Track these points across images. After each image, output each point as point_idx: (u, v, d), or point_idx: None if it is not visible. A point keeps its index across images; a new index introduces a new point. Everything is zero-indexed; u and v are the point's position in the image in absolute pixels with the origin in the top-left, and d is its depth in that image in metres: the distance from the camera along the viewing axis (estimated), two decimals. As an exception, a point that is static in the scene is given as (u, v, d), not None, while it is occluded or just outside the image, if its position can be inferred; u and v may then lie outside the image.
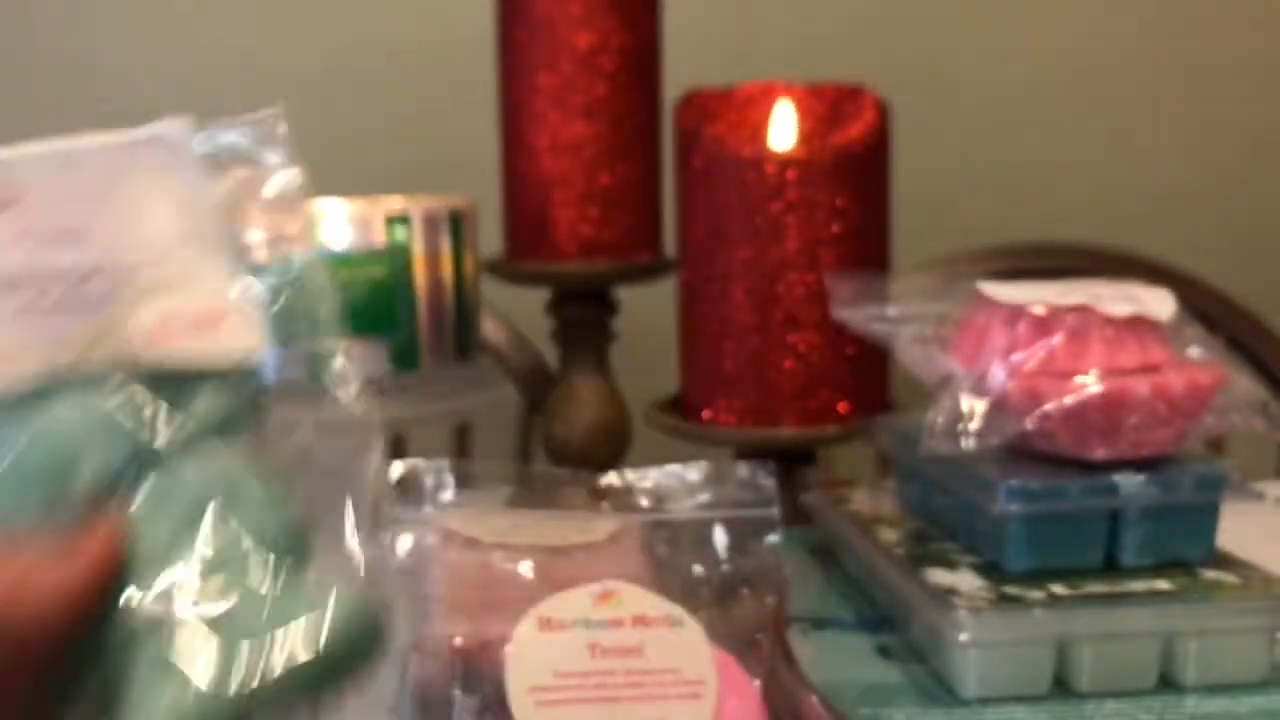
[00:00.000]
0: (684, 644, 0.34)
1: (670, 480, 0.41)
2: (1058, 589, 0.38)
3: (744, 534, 0.39)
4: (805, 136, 0.59)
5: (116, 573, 0.24)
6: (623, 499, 0.41)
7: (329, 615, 0.23)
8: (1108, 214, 1.22)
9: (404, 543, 0.36)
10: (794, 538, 0.53)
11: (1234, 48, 1.24)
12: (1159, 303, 0.41)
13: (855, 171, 0.55)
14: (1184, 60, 1.24)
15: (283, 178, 0.28)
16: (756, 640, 0.36)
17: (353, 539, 0.25)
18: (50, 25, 1.23)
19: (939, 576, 0.39)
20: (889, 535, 0.45)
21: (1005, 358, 0.39)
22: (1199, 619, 0.37)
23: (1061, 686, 0.37)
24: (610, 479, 0.41)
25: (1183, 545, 0.40)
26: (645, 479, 0.41)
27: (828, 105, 0.60)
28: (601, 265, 0.68)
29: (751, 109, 0.61)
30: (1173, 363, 0.40)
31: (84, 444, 0.24)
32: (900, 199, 0.62)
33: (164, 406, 0.25)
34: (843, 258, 0.55)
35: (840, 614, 0.45)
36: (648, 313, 0.84)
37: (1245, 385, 0.40)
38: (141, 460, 0.24)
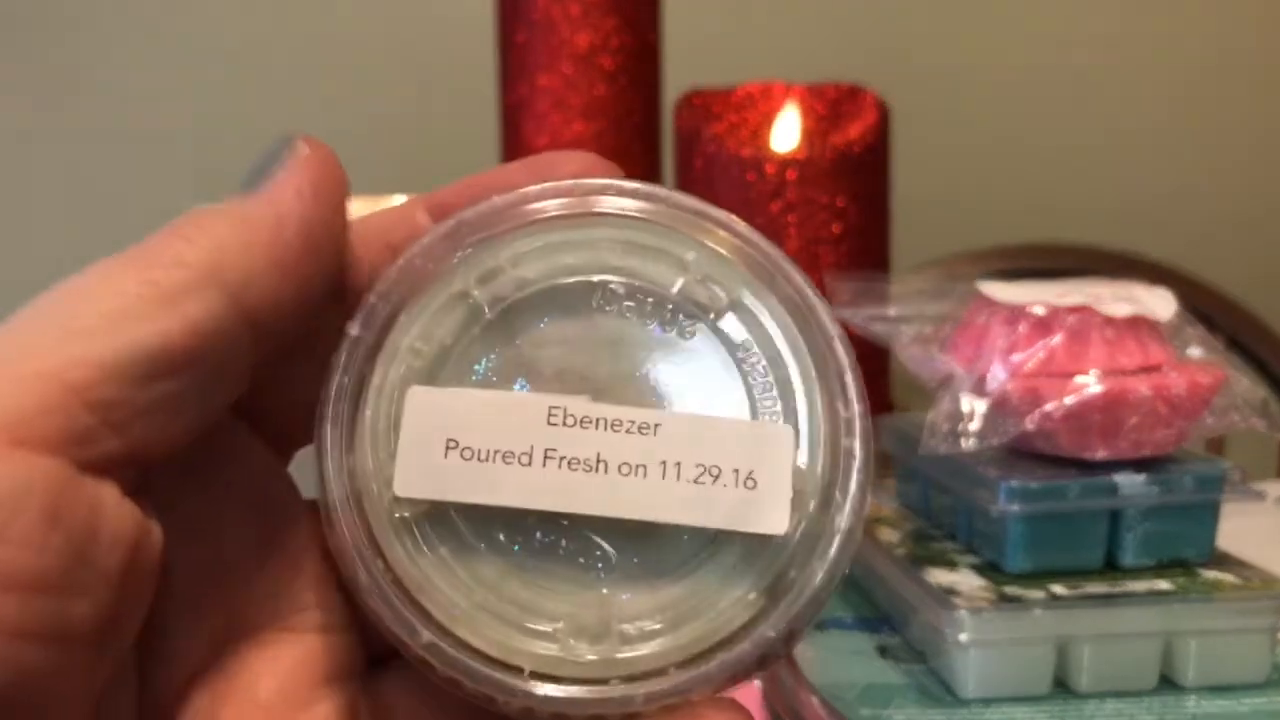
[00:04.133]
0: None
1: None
2: (1058, 589, 0.38)
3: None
4: (805, 136, 0.59)
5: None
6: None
7: None
8: (1108, 214, 1.22)
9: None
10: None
11: (1234, 47, 1.24)
12: (1159, 303, 0.41)
13: (855, 171, 0.55)
14: (1184, 59, 1.24)
15: None
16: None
17: None
18: (49, 27, 1.23)
19: (939, 576, 0.39)
20: (889, 535, 0.45)
21: (1005, 358, 0.39)
22: (1199, 619, 0.37)
23: (1062, 686, 0.37)
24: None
25: (1183, 545, 0.39)
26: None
27: (828, 105, 0.60)
28: (602, 265, 0.68)
29: (751, 109, 0.61)
30: (1173, 363, 0.40)
31: None
32: (900, 199, 0.62)
33: None
34: (842, 257, 0.55)
35: (840, 614, 0.45)
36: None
37: (1245, 385, 0.40)
38: None
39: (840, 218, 0.54)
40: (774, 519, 0.19)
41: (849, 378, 0.20)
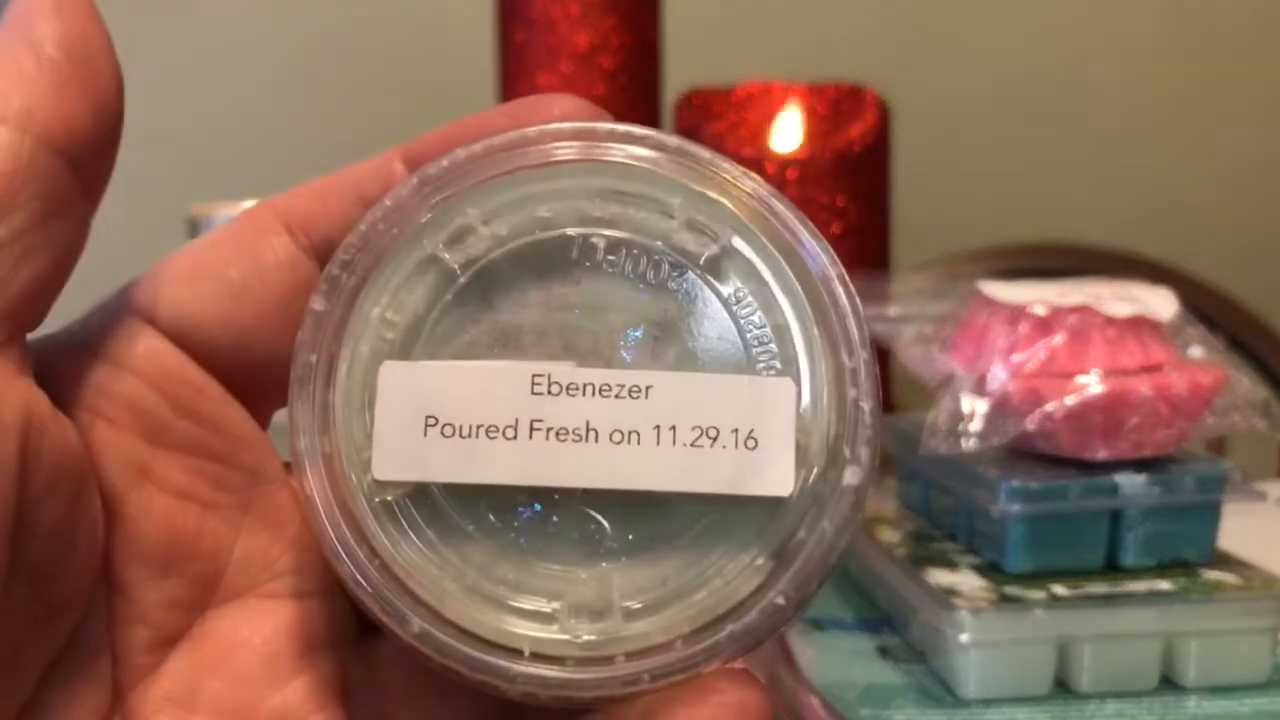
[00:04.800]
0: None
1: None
2: (1059, 589, 0.37)
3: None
4: (806, 136, 0.59)
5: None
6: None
7: None
8: (1108, 214, 1.22)
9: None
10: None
11: (1236, 47, 1.24)
12: (1160, 303, 0.41)
13: (856, 171, 0.55)
14: (1185, 59, 1.24)
15: None
16: (757, 641, 0.36)
17: None
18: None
19: (939, 577, 0.39)
20: (889, 536, 0.45)
21: (1006, 358, 0.39)
22: (1200, 619, 0.37)
23: (1062, 687, 0.37)
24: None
25: (1184, 545, 0.39)
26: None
27: (828, 104, 0.60)
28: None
29: (752, 108, 0.61)
30: (1174, 363, 0.40)
31: None
32: (900, 199, 0.62)
33: None
34: (843, 257, 0.55)
35: (841, 615, 0.44)
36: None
37: (1247, 385, 0.40)
38: None
39: (840, 217, 0.54)
40: (778, 479, 0.18)
41: (851, 324, 0.18)
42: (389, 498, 0.18)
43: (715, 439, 0.18)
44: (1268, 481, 0.77)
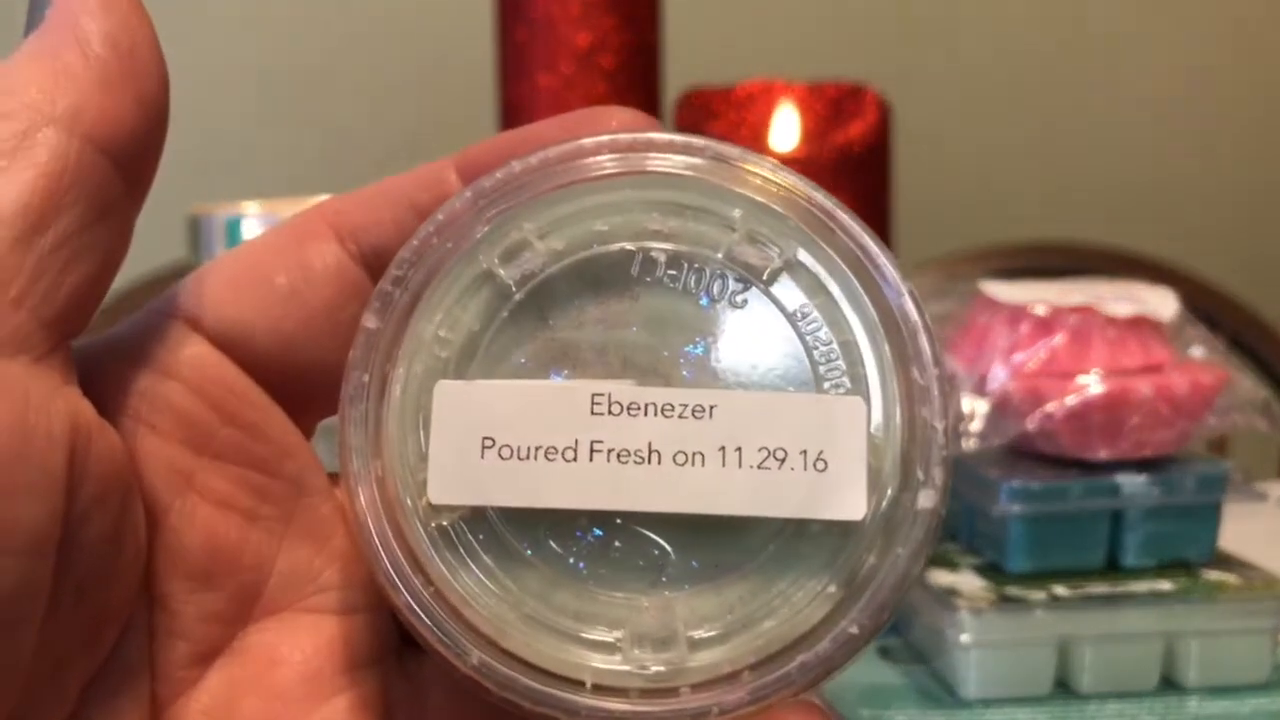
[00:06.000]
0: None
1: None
2: (1059, 590, 0.37)
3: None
4: (806, 135, 0.59)
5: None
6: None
7: None
8: (1108, 214, 1.22)
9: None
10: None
11: (1237, 47, 1.24)
12: (1161, 302, 0.41)
13: (856, 170, 0.55)
14: (1185, 59, 1.24)
15: None
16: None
17: None
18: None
19: (940, 577, 0.39)
20: (890, 536, 0.45)
21: (1007, 358, 0.39)
22: (1201, 620, 0.37)
23: (1063, 687, 0.37)
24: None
25: (1185, 546, 0.39)
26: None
27: (829, 103, 0.60)
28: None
29: (752, 107, 0.61)
30: (1175, 363, 0.40)
31: None
32: (901, 198, 0.62)
33: None
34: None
35: (841, 615, 0.44)
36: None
37: (1247, 385, 0.40)
38: None
39: (841, 217, 0.54)
40: (849, 503, 0.17)
41: (923, 340, 0.17)
42: (445, 522, 0.17)
43: (783, 461, 0.17)
44: (1268, 481, 0.77)
